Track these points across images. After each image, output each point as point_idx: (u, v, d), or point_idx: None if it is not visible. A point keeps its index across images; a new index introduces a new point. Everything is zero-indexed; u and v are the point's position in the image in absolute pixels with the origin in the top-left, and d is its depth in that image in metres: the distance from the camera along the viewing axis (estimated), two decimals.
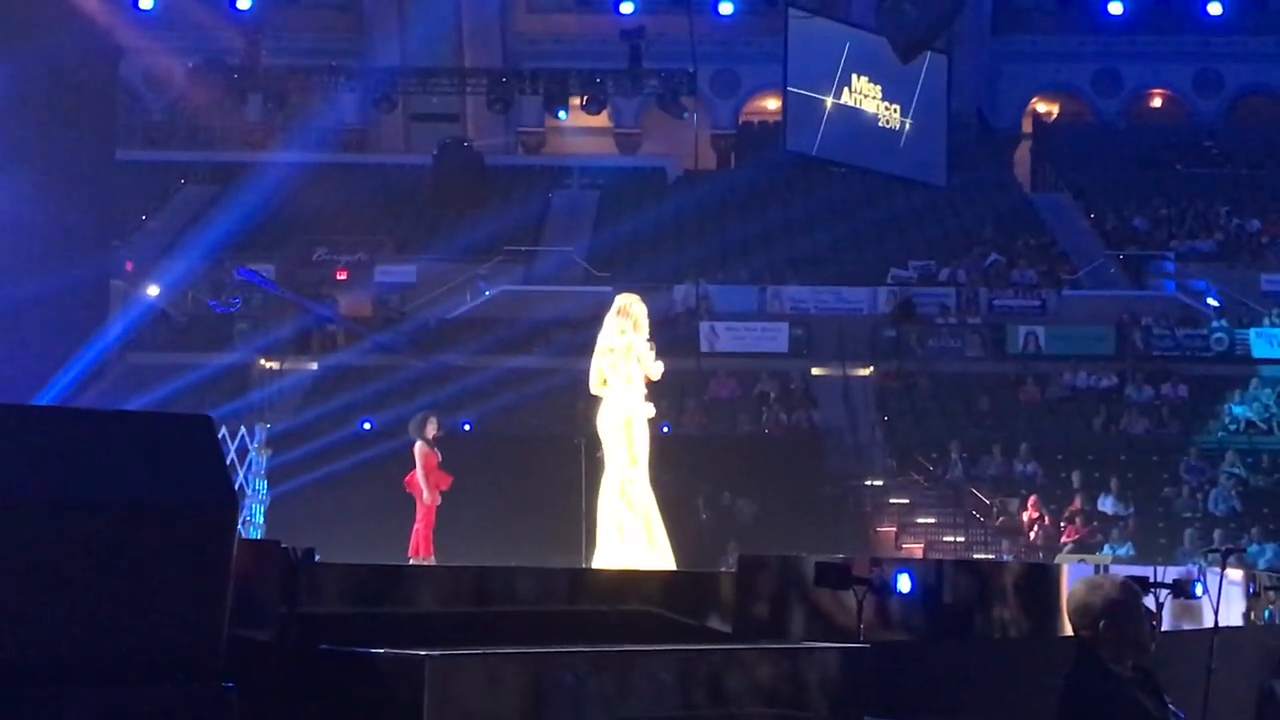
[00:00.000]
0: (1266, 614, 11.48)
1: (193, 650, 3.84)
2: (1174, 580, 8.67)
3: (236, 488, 19.78)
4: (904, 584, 7.12)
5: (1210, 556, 10.02)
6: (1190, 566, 11.08)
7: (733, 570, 7.29)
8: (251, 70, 31.19)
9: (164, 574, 3.84)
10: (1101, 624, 5.19)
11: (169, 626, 3.84)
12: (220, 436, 19.78)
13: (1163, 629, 9.24)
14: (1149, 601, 8.14)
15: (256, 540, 15.83)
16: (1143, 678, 5.26)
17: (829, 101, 28.16)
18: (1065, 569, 9.92)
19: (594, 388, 11.11)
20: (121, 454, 3.88)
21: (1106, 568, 12.24)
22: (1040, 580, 8.61)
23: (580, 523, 11.73)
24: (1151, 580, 8.50)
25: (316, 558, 5.10)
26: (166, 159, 37.49)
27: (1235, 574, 10.93)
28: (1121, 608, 5.22)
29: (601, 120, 39.50)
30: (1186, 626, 9.73)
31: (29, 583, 3.69)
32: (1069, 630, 5.30)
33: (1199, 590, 8.89)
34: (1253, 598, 11.25)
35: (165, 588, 3.84)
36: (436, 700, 4.93)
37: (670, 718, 5.90)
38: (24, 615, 3.66)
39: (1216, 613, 8.29)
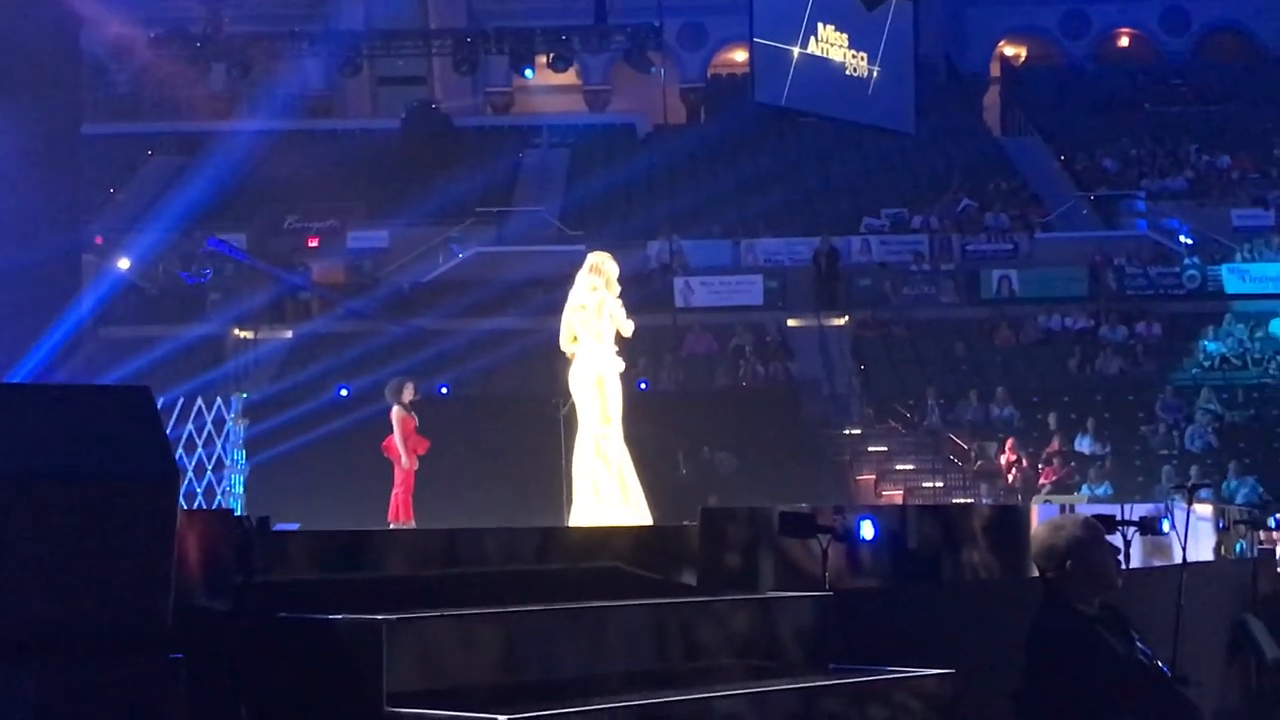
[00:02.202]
0: (1238, 548, 11.54)
1: (138, 622, 3.81)
2: (1141, 518, 8.70)
3: (214, 458, 19.81)
4: (867, 530, 7.12)
5: (1179, 492, 10.06)
6: (1159, 504, 11.12)
7: (697, 524, 7.29)
8: (214, 39, 30.93)
9: (104, 546, 3.80)
10: (1067, 563, 5.22)
11: (112, 599, 3.80)
12: (197, 407, 19.80)
13: (1134, 566, 9.28)
14: (1116, 540, 8.16)
15: (208, 510, 15.83)
16: (1110, 615, 5.28)
17: (796, 51, 28.02)
18: (1035, 510, 9.96)
19: (564, 345, 11.11)
20: (58, 427, 3.83)
21: (1072, 507, 12.27)
22: (1008, 522, 8.62)
23: (561, 481, 11.73)
24: (1119, 518, 8.53)
25: (276, 527, 5.06)
26: (132, 131, 37.16)
27: (1205, 509, 10.98)
28: (1085, 546, 5.24)
29: (569, 78, 39.35)
30: (1157, 563, 9.78)
31: None
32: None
33: (1166, 526, 8.92)
34: (1222, 532, 11.31)
35: (106, 560, 3.80)
36: (395, 663, 4.92)
37: (643, 672, 5.89)
38: None
39: (1185, 548, 8.32)
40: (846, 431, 25.45)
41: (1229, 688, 9.78)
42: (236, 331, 28.11)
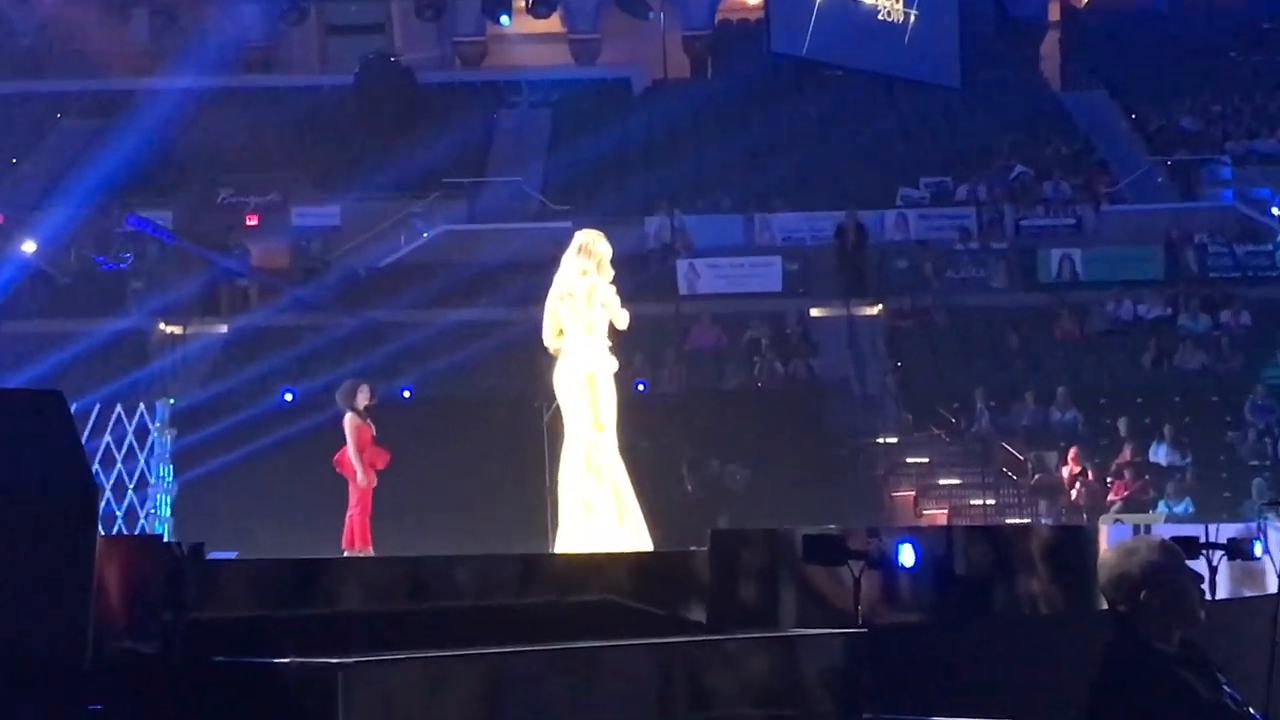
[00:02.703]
0: None
1: (48, 666, 3.80)
2: (1229, 540, 8.72)
3: (137, 475, 19.88)
4: (907, 556, 7.13)
5: (1273, 510, 10.10)
6: (1250, 524, 11.14)
7: (705, 549, 7.33)
8: None
9: (10, 573, 3.79)
10: (1142, 594, 5.22)
11: (18, 638, 3.79)
12: (116, 415, 19.86)
13: (1221, 597, 9.30)
14: (1199, 565, 8.19)
15: (131, 536, 15.84)
16: (1192, 654, 5.29)
17: None
18: (1104, 530, 9.99)
19: (548, 339, 11.17)
20: None
21: (1148, 528, 12.31)
22: (1072, 545, 8.65)
23: (545, 499, 11.79)
24: (1202, 541, 8.56)
25: (211, 555, 5.07)
26: (39, 90, 37.26)
27: None
28: (1163, 573, 5.25)
29: (552, 25, 39.36)
30: (1248, 593, 9.81)
31: None
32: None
33: (1259, 550, 8.94)
34: None
35: (12, 590, 3.78)
36: (353, 715, 4.93)
37: None
38: None
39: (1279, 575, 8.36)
40: (880, 440, 25.55)
41: None
42: (162, 326, 28.25)
